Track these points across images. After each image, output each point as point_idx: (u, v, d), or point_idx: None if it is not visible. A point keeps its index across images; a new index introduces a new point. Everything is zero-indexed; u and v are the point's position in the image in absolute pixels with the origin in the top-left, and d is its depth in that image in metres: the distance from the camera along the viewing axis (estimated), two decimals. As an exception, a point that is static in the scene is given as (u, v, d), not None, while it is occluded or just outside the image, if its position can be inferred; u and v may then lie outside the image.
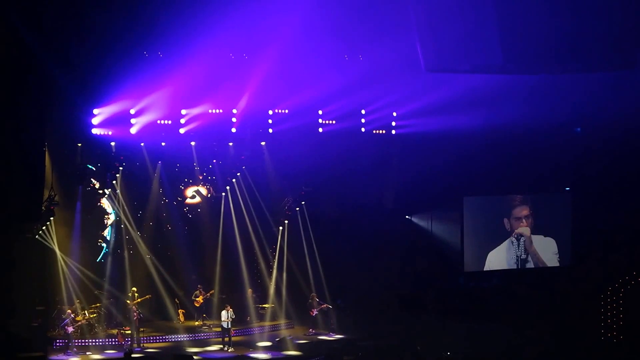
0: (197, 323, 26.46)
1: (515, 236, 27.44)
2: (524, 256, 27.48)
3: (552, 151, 26.54)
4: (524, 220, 27.36)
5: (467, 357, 22.06)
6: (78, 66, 21.05)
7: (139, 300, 24.61)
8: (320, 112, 25.52)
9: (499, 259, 27.42)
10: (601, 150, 25.95)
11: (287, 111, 25.06)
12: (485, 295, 27.42)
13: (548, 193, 28.25)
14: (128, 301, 24.75)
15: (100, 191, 26.30)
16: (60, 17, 19.26)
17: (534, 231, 27.54)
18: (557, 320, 25.41)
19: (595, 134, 26.03)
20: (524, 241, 27.40)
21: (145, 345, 24.08)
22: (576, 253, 27.64)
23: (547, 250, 27.70)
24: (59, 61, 19.86)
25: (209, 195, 28.25)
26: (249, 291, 27.29)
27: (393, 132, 26.55)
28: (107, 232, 26.83)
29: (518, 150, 26.49)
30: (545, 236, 27.68)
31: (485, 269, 27.43)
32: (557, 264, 27.79)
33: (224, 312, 24.19)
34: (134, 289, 25.15)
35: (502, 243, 27.43)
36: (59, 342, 23.18)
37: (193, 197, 28.22)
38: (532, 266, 27.67)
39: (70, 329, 22.88)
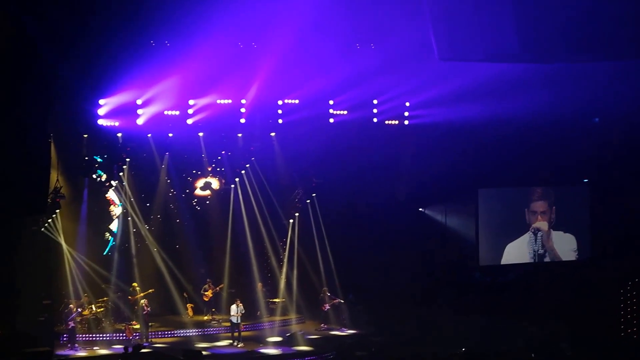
0: (206, 318, 26.24)
1: (533, 230, 26.99)
2: (541, 251, 27.08)
3: (569, 142, 26.02)
4: (539, 216, 26.85)
5: (483, 352, 21.57)
6: (83, 56, 20.61)
7: (141, 294, 24.37)
8: (331, 102, 25.03)
9: (517, 252, 26.96)
10: (620, 141, 25.51)
11: (297, 101, 24.60)
12: (501, 289, 27.05)
13: (566, 185, 27.81)
14: (130, 297, 24.58)
15: (107, 183, 26.02)
16: (63, 5, 18.86)
17: (554, 227, 27.06)
18: (575, 315, 24.91)
19: (613, 124, 25.54)
20: (542, 236, 26.97)
21: (154, 340, 23.87)
22: (595, 246, 27.19)
23: (566, 246, 27.26)
24: (64, 51, 19.44)
25: (220, 187, 27.88)
26: (259, 285, 27.00)
27: (406, 122, 26.04)
28: (114, 225, 26.54)
29: (534, 141, 26.02)
30: (565, 232, 27.22)
31: (502, 262, 26.99)
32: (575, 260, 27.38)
33: (233, 307, 23.88)
34: (135, 284, 25.10)
35: (519, 236, 26.99)
36: (65, 337, 22.92)
37: (204, 188, 27.85)
38: (549, 260, 27.25)
39: (71, 324, 22.56)
